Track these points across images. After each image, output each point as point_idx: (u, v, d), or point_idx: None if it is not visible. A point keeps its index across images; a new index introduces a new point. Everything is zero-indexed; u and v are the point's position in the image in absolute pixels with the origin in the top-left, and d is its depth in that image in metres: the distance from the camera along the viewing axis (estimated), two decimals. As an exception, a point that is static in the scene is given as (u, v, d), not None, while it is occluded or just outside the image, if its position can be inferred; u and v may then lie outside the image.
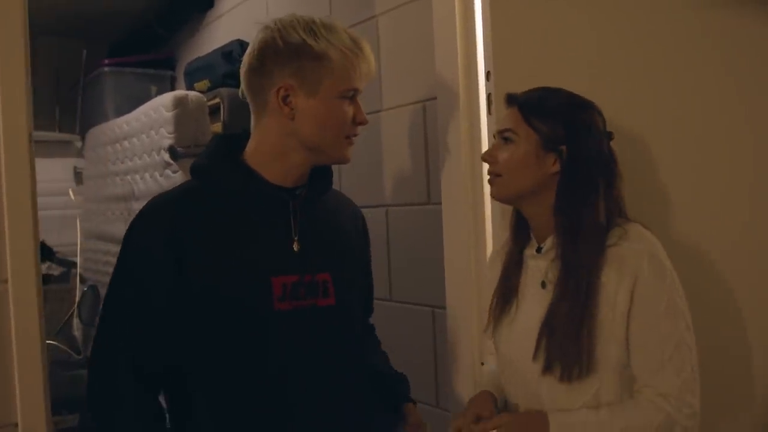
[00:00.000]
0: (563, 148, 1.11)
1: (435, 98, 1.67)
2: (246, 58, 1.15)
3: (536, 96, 1.16)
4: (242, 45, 2.31)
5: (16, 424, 0.86)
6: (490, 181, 1.18)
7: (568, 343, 1.05)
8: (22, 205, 0.87)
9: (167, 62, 2.98)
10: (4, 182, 0.86)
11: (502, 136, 1.16)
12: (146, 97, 2.83)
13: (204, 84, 2.38)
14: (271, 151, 1.15)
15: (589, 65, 1.41)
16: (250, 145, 1.17)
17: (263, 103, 1.14)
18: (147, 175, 2.32)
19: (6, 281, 0.86)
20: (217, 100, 2.26)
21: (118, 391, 1.09)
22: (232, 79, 2.28)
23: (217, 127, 2.26)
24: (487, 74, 1.42)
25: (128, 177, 2.52)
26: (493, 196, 1.20)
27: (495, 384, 1.26)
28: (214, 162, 1.16)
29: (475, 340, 1.51)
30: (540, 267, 1.15)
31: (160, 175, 2.22)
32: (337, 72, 1.11)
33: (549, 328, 1.08)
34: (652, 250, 1.09)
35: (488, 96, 1.42)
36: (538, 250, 1.16)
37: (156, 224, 1.11)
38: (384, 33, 1.89)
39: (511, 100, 1.17)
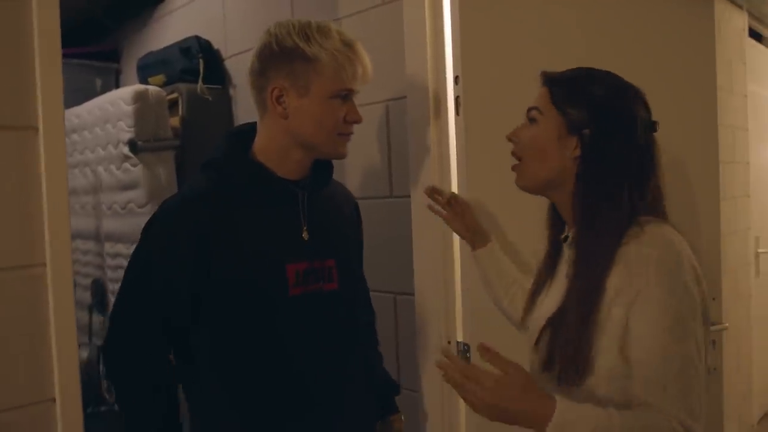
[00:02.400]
0: (586, 131, 1.05)
1: (397, 98, 1.79)
2: (250, 60, 1.24)
3: (569, 77, 1.11)
4: (200, 41, 2.35)
5: (54, 399, 0.91)
6: (513, 168, 1.14)
7: (568, 346, 1.00)
8: (59, 191, 0.91)
9: (111, 55, 2.94)
10: (44, 167, 0.90)
11: (528, 115, 1.11)
12: (91, 90, 2.79)
13: (159, 79, 2.39)
14: (274, 148, 1.23)
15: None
16: (257, 142, 1.25)
17: (263, 103, 1.23)
18: (101, 168, 2.31)
19: (44, 264, 0.91)
20: (175, 94, 2.28)
21: (135, 374, 1.18)
22: (190, 75, 2.31)
23: (175, 121, 2.28)
24: (456, 78, 1.55)
25: (77, 170, 2.49)
26: (517, 184, 1.14)
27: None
28: (228, 158, 1.23)
29: (442, 322, 1.64)
30: (568, 256, 1.09)
31: (117, 169, 2.22)
32: (327, 73, 1.18)
33: (553, 325, 1.04)
34: (663, 256, 0.98)
35: (456, 98, 1.56)
36: (565, 239, 1.12)
37: (180, 222, 1.18)
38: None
39: (544, 79, 1.13)
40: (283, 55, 1.19)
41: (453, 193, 1.49)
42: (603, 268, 0.99)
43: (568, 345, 1.00)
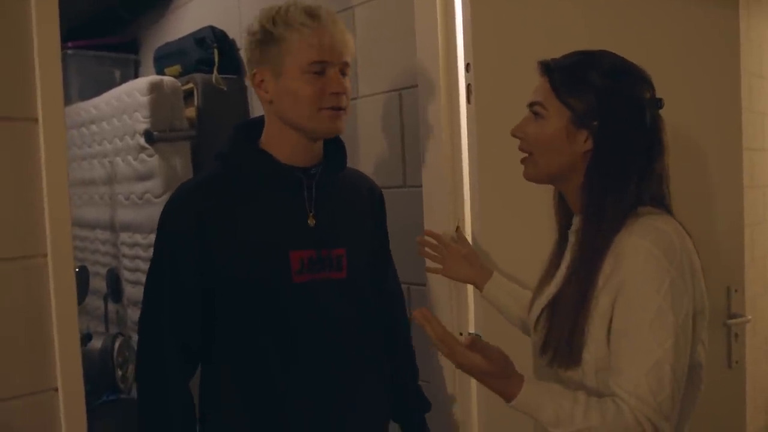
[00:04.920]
0: (595, 123, 1.02)
1: (410, 87, 1.76)
2: None
3: (570, 65, 1.06)
4: (214, 31, 2.34)
5: (57, 389, 0.92)
6: (522, 160, 1.12)
7: (563, 331, 1.00)
8: (59, 182, 0.92)
9: (130, 46, 2.96)
10: (44, 159, 0.90)
11: (532, 110, 1.08)
12: (109, 81, 2.82)
13: (175, 69, 2.40)
14: (275, 135, 1.24)
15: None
16: (264, 132, 1.27)
17: (256, 92, 1.25)
18: (119, 159, 2.33)
19: (46, 255, 0.91)
20: (190, 85, 2.29)
21: (165, 364, 1.18)
22: (205, 65, 2.31)
23: (191, 112, 2.29)
24: (467, 66, 1.52)
25: (95, 161, 2.51)
26: (525, 176, 1.13)
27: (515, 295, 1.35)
28: (231, 148, 1.24)
29: (454, 313, 1.62)
30: (571, 244, 1.08)
31: (134, 159, 2.24)
32: (296, 49, 1.17)
33: (550, 310, 1.05)
34: (653, 248, 0.95)
35: (468, 86, 1.53)
36: (569, 226, 1.11)
37: (184, 208, 1.20)
38: (360, 23, 1.97)
39: (544, 68, 1.09)
40: (255, 42, 1.22)
41: (457, 228, 1.50)
42: (599, 256, 0.99)
43: (561, 331, 1.00)
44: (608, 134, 1.02)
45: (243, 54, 1.29)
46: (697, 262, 1.02)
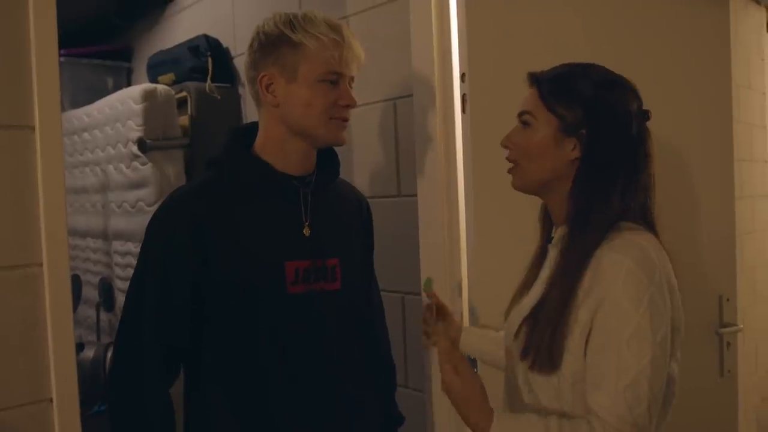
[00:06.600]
0: (583, 131, 1.03)
1: (405, 96, 1.77)
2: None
3: (558, 75, 1.08)
4: (208, 39, 2.34)
5: (51, 399, 0.91)
6: (509, 171, 1.13)
7: (545, 332, 1.00)
8: (56, 190, 0.91)
9: (123, 54, 2.95)
10: (40, 167, 0.90)
11: (520, 120, 1.10)
12: (102, 89, 2.81)
13: (169, 77, 2.39)
14: (273, 141, 1.23)
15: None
16: (258, 138, 1.25)
17: (256, 95, 1.23)
18: (111, 167, 2.32)
19: (41, 264, 0.90)
20: (183, 93, 2.28)
21: (142, 370, 1.15)
22: (199, 73, 2.30)
23: (184, 120, 2.28)
24: (462, 76, 1.53)
25: (88, 169, 2.50)
26: (513, 186, 1.13)
27: (489, 337, 1.36)
28: (227, 155, 1.23)
29: (449, 322, 1.62)
30: (552, 257, 1.09)
31: (127, 167, 2.23)
32: (314, 57, 1.17)
33: (532, 320, 1.05)
34: (633, 266, 0.96)
35: (463, 96, 1.54)
36: (550, 240, 1.12)
37: (179, 213, 1.18)
38: (355, 33, 1.97)
39: (532, 79, 1.10)
40: (269, 44, 1.19)
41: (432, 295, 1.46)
42: (582, 266, 1.00)
43: (542, 339, 1.01)
44: (596, 142, 1.04)
45: (246, 56, 1.26)
46: (674, 279, 1.03)
